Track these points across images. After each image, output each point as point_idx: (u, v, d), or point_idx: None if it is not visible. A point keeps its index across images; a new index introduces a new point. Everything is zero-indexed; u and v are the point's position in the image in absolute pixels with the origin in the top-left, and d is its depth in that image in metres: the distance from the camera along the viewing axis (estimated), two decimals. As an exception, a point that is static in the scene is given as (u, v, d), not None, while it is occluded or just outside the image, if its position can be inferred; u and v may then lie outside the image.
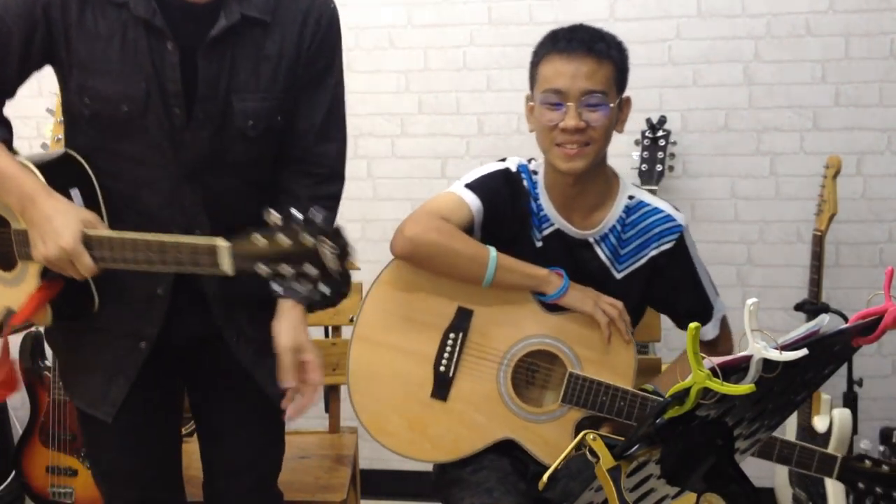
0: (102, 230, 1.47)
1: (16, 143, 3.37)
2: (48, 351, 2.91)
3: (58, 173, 1.54)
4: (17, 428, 3.09)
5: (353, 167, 3.04)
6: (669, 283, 1.86)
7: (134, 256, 1.42)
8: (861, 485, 1.74)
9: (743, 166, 2.89)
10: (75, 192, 1.53)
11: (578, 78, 1.72)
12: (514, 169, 1.87)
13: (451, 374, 1.82)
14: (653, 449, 1.01)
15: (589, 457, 1.02)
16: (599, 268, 1.84)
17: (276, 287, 1.34)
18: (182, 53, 1.51)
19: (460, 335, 1.82)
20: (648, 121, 2.77)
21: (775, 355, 0.96)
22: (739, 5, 2.83)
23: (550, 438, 1.79)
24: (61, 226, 1.43)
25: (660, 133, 2.75)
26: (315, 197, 1.63)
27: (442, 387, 1.82)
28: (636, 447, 1.01)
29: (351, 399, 1.84)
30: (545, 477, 1.14)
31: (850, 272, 2.89)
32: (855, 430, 2.44)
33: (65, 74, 1.57)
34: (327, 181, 1.69)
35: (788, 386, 1.15)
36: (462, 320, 1.82)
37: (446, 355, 1.83)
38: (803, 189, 2.85)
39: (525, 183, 1.86)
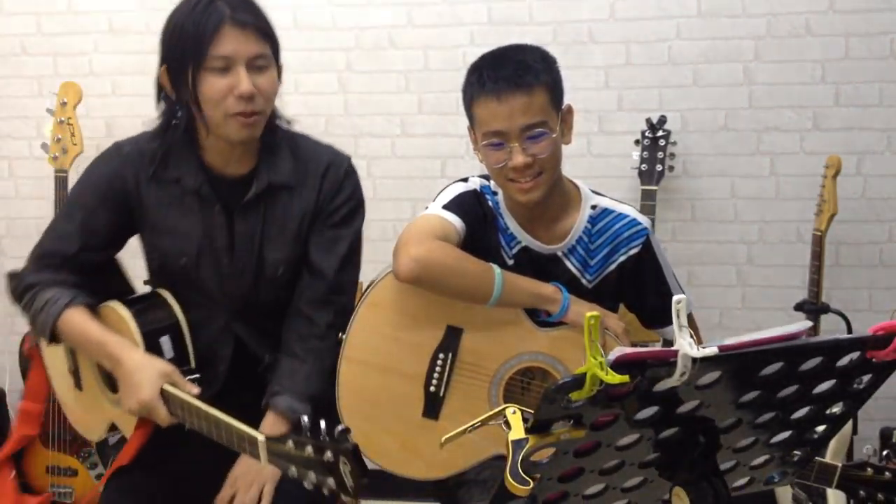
0: (178, 390, 1.66)
1: (16, 143, 3.36)
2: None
3: (149, 321, 1.80)
4: (17, 428, 3.09)
5: (353, 167, 3.06)
6: (638, 286, 1.87)
7: (197, 422, 1.61)
8: (862, 493, 1.72)
9: (743, 166, 2.89)
10: (165, 340, 1.79)
11: (514, 116, 1.68)
12: (478, 189, 1.87)
13: (441, 394, 1.81)
14: (574, 429, 1.03)
15: (503, 427, 1.05)
16: (570, 280, 1.84)
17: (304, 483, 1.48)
18: (226, 215, 1.82)
19: (450, 355, 1.80)
20: (648, 121, 2.77)
21: (691, 351, 0.98)
22: (739, 5, 2.83)
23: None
24: (141, 382, 1.65)
25: (660, 133, 2.76)
26: (331, 325, 1.86)
27: (433, 407, 1.81)
28: (553, 425, 1.03)
29: (342, 420, 1.83)
30: (450, 435, 1.23)
31: (850, 272, 2.89)
32: (855, 431, 2.44)
33: (142, 236, 1.89)
34: (343, 312, 1.87)
35: (797, 398, 1.15)
36: (451, 340, 1.80)
37: (436, 375, 1.81)
38: (803, 189, 2.85)
39: (489, 202, 1.86)
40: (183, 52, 1.72)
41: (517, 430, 1.04)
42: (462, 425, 1.78)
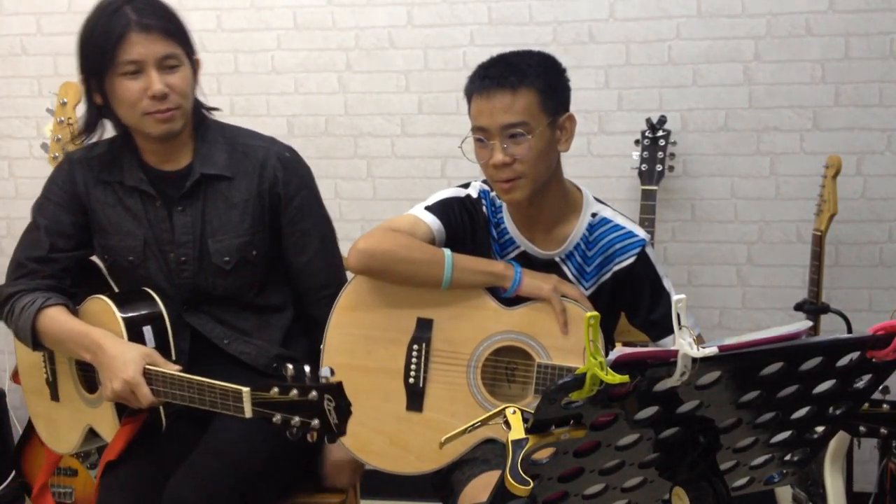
0: (159, 367, 1.72)
1: (16, 143, 3.37)
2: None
3: (132, 311, 1.85)
4: (17, 428, 3.09)
5: (353, 167, 3.06)
6: (634, 298, 1.88)
7: (181, 394, 1.68)
8: (863, 428, 1.69)
9: (743, 166, 2.89)
10: (147, 329, 1.83)
11: (496, 113, 1.73)
12: (475, 195, 1.90)
13: (421, 385, 1.84)
14: (574, 429, 1.03)
15: (503, 427, 1.06)
16: None
17: (288, 434, 1.55)
18: (167, 210, 1.90)
19: (423, 345, 1.84)
20: (648, 121, 2.77)
21: (691, 351, 0.98)
22: (739, 5, 2.83)
23: None
24: (124, 362, 1.71)
25: (660, 133, 2.75)
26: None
27: (415, 399, 1.84)
28: (552, 426, 1.04)
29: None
30: (450, 435, 1.25)
31: (850, 272, 2.89)
32: (855, 430, 2.43)
33: (94, 239, 1.97)
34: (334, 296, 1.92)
35: (797, 398, 1.15)
36: (423, 330, 1.84)
37: (413, 367, 1.84)
38: (803, 189, 2.85)
39: (485, 209, 1.89)
40: (95, 59, 1.80)
41: (517, 430, 1.04)
42: (446, 413, 1.81)
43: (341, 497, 2.02)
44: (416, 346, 1.84)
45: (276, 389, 1.52)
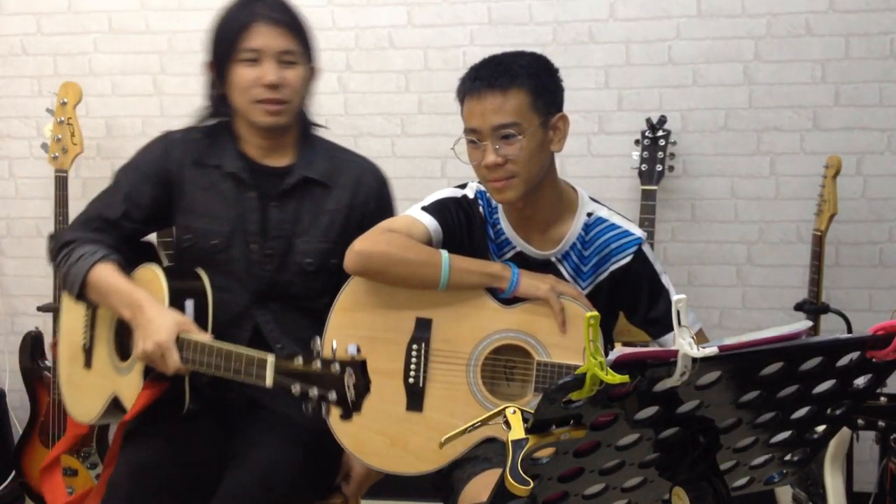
0: (192, 335, 1.74)
1: (16, 143, 3.37)
2: (48, 351, 2.92)
3: (179, 283, 1.88)
4: (17, 428, 3.09)
5: (353, 167, 3.05)
6: (632, 296, 1.88)
7: (208, 360, 1.70)
8: (861, 421, 1.68)
9: (743, 166, 2.89)
10: (189, 303, 1.85)
11: (487, 114, 1.73)
12: (471, 196, 1.91)
13: (421, 385, 1.84)
14: (574, 429, 1.03)
15: (503, 427, 1.06)
16: None
17: (304, 406, 1.57)
18: (260, 202, 1.94)
19: (423, 345, 1.84)
20: (648, 121, 2.77)
21: (691, 351, 0.98)
22: (739, 5, 2.83)
23: None
24: (160, 326, 1.73)
25: (660, 133, 2.75)
26: None
27: (415, 399, 1.83)
28: (552, 426, 1.04)
29: (330, 426, 1.84)
30: (450, 435, 1.24)
31: (850, 272, 2.89)
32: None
33: (177, 219, 2.00)
34: None
35: (797, 398, 1.15)
36: (422, 330, 1.84)
37: (413, 367, 1.84)
38: (803, 189, 2.85)
39: (481, 209, 1.89)
40: (219, 46, 1.90)
41: (517, 430, 1.04)
42: (446, 413, 1.81)
43: (342, 498, 2.02)
44: (415, 346, 1.84)
45: (299, 360, 1.56)
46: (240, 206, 1.95)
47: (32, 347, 2.89)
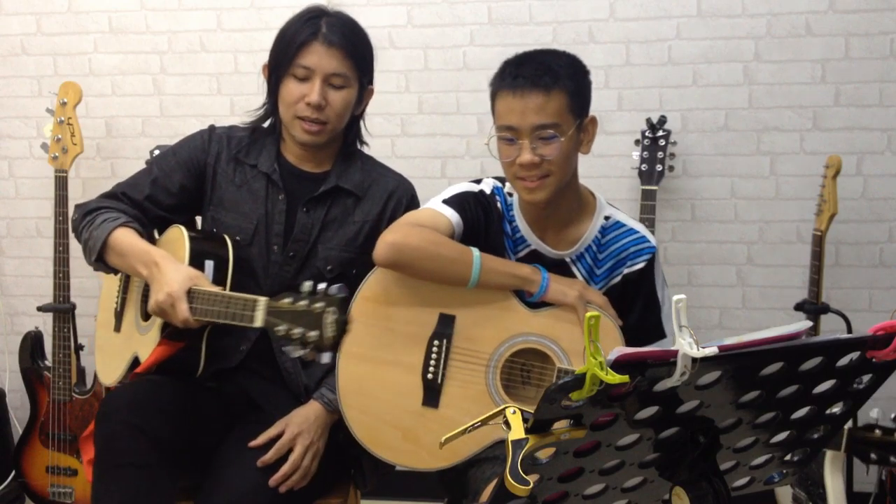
0: (204, 286, 1.77)
1: (16, 143, 3.36)
2: (48, 351, 2.92)
3: (203, 244, 1.92)
4: (17, 428, 3.09)
5: (353, 167, 3.05)
6: (627, 301, 1.88)
7: (212, 309, 1.73)
8: (874, 455, 1.68)
9: (743, 166, 2.89)
10: (209, 263, 1.88)
11: (528, 113, 1.72)
12: (488, 191, 1.90)
13: (439, 381, 1.82)
14: (574, 429, 1.03)
15: (503, 427, 1.06)
16: None
17: (286, 349, 1.62)
18: (289, 205, 1.99)
19: (444, 341, 1.83)
20: (648, 121, 2.77)
21: (691, 351, 0.98)
22: (739, 5, 2.83)
23: None
24: (172, 279, 1.77)
25: (660, 133, 2.76)
26: None
27: (432, 394, 1.83)
28: (551, 426, 1.04)
29: (344, 415, 1.84)
30: (450, 435, 1.24)
31: (850, 272, 2.89)
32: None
33: (204, 211, 2.05)
34: None
35: (797, 398, 1.14)
36: (445, 326, 1.83)
37: (433, 363, 1.83)
38: (803, 189, 2.85)
39: (499, 205, 1.89)
40: (278, 56, 1.95)
41: (517, 430, 1.04)
42: (462, 411, 1.80)
43: (341, 497, 2.02)
44: (436, 342, 1.83)
45: (288, 299, 1.61)
46: (267, 206, 1.99)
47: (32, 347, 2.88)
